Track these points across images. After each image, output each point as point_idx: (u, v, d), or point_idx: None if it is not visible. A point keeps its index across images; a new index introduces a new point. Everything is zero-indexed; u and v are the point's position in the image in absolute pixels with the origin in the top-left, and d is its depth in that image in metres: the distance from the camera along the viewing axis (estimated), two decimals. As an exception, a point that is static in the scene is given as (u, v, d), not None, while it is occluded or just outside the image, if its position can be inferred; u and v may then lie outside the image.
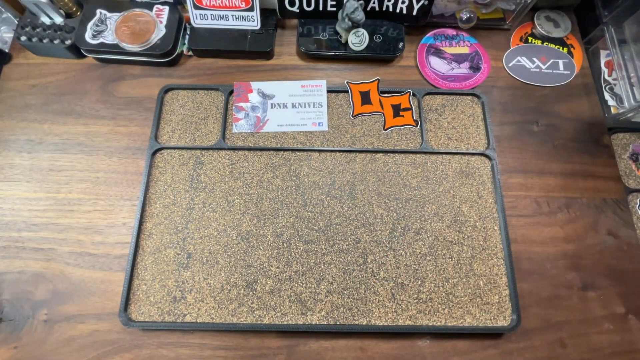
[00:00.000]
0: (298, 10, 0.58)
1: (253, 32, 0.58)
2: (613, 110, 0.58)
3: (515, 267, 0.48)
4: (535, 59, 0.61)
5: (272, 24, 0.59)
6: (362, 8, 0.54)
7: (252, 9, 0.56)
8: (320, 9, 0.58)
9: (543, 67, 0.60)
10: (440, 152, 0.53)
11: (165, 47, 0.56)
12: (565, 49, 0.61)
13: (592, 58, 0.62)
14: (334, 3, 0.57)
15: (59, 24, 0.57)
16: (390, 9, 0.57)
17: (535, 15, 0.63)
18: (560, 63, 0.60)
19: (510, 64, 0.60)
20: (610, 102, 0.59)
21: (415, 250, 0.48)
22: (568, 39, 0.62)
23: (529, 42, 0.62)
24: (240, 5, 0.56)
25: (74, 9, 0.57)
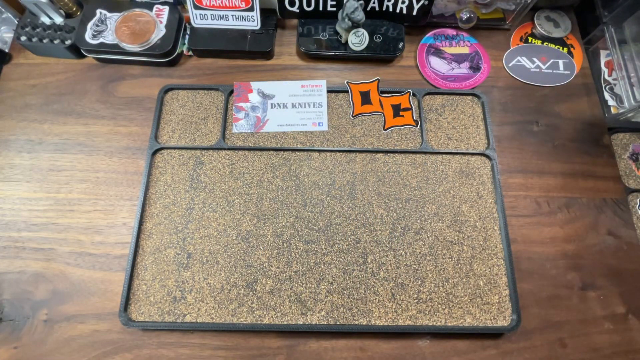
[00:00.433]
0: (298, 10, 0.58)
1: (253, 32, 0.58)
2: (613, 110, 0.58)
3: (515, 267, 0.48)
4: (535, 59, 0.61)
5: (272, 24, 0.59)
6: (362, 8, 0.54)
7: (252, 9, 0.56)
8: (320, 9, 0.58)
9: (543, 67, 0.60)
10: (440, 152, 0.53)
11: (165, 47, 0.56)
12: (565, 49, 0.61)
13: (592, 58, 0.62)
14: (334, 3, 0.57)
15: (59, 24, 0.57)
16: (390, 9, 0.57)
17: (535, 15, 0.63)
18: (560, 63, 0.60)
19: (510, 64, 0.60)
20: (610, 102, 0.59)
21: (415, 250, 0.48)
22: (568, 39, 0.62)
23: (529, 42, 0.62)
24: (240, 5, 0.56)
25: (74, 9, 0.57)
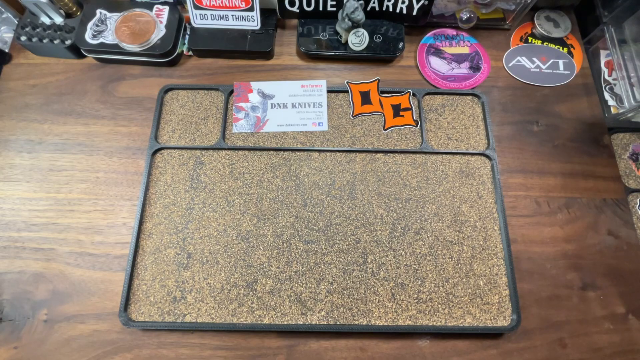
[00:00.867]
0: (298, 10, 0.58)
1: (253, 32, 0.58)
2: (613, 110, 0.58)
3: (515, 267, 0.48)
4: (535, 59, 0.61)
5: (272, 24, 0.59)
6: (362, 8, 0.54)
7: (252, 9, 0.56)
8: (320, 9, 0.58)
9: (543, 67, 0.60)
10: (440, 152, 0.53)
11: (165, 47, 0.56)
12: (565, 49, 0.61)
13: (592, 58, 0.62)
14: (334, 3, 0.57)
15: (59, 24, 0.57)
16: (390, 9, 0.57)
17: (535, 15, 0.63)
18: (560, 63, 0.60)
19: (510, 64, 0.60)
20: (610, 102, 0.59)
21: (415, 250, 0.48)
22: (568, 39, 0.62)
23: (529, 42, 0.62)
24: (240, 5, 0.56)
25: (74, 9, 0.57)
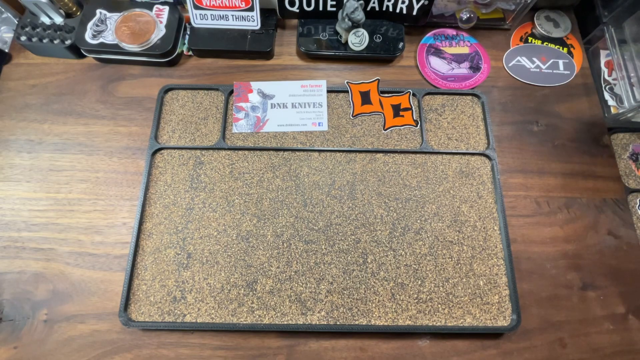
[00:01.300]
0: (298, 10, 0.58)
1: (253, 32, 0.58)
2: (613, 110, 0.58)
3: (515, 267, 0.48)
4: (535, 59, 0.61)
5: (272, 24, 0.59)
6: (362, 8, 0.54)
7: (252, 9, 0.56)
8: (320, 9, 0.58)
9: (543, 67, 0.60)
10: (440, 152, 0.53)
11: (165, 47, 0.56)
12: (565, 49, 0.61)
13: (592, 58, 0.62)
14: (334, 3, 0.57)
15: (59, 24, 0.57)
16: (390, 9, 0.57)
17: (535, 15, 0.63)
18: (560, 63, 0.60)
19: (510, 64, 0.60)
20: (610, 102, 0.59)
21: (415, 250, 0.48)
22: (568, 39, 0.62)
23: (529, 42, 0.62)
24: (240, 5, 0.56)
25: (74, 9, 0.57)
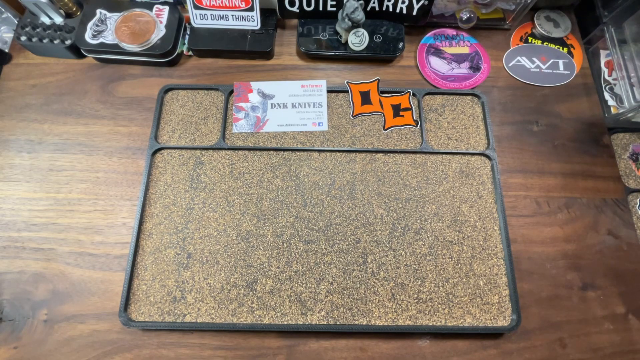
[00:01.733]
0: (298, 10, 0.58)
1: (253, 32, 0.58)
2: (613, 110, 0.58)
3: (515, 267, 0.48)
4: (535, 59, 0.61)
5: (272, 24, 0.59)
6: (362, 8, 0.54)
7: (252, 9, 0.56)
8: (320, 9, 0.58)
9: (543, 67, 0.60)
10: (440, 152, 0.53)
11: (165, 47, 0.56)
12: (565, 49, 0.61)
13: (592, 58, 0.62)
14: (334, 3, 0.57)
15: (59, 24, 0.57)
16: (390, 9, 0.57)
17: (535, 15, 0.63)
18: (560, 63, 0.60)
19: (510, 64, 0.60)
20: (610, 102, 0.59)
21: (415, 250, 0.48)
22: (568, 39, 0.62)
23: (529, 42, 0.62)
24: (240, 5, 0.56)
25: (74, 9, 0.57)
